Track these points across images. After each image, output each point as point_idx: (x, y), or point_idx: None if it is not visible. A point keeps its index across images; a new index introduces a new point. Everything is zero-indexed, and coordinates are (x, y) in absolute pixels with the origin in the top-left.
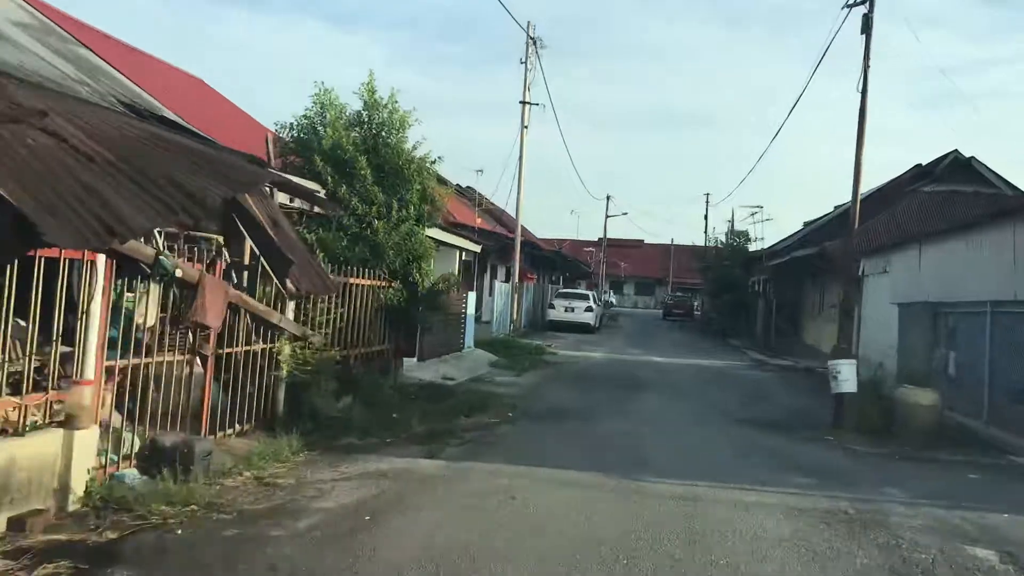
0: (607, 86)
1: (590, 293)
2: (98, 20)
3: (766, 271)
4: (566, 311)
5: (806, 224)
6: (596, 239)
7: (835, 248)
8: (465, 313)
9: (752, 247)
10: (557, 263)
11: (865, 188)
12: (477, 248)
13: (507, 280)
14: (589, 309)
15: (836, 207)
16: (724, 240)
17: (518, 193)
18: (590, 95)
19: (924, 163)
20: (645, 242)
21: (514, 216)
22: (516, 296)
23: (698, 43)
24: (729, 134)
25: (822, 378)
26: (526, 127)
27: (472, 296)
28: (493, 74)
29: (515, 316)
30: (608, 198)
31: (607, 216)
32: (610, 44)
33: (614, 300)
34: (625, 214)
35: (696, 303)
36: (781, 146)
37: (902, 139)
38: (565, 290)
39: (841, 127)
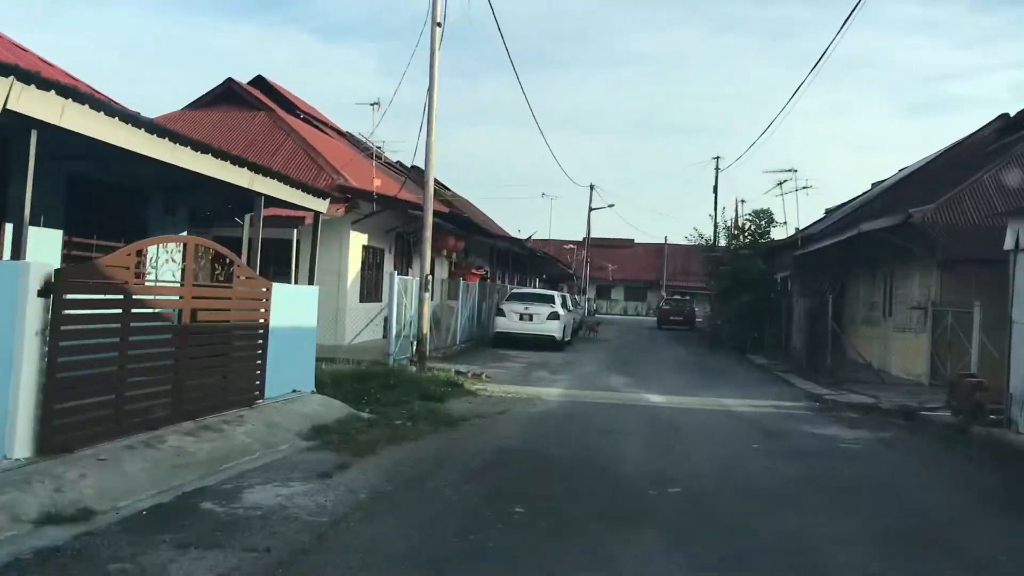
0: (603, 94)
1: (557, 294)
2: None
3: (793, 263)
4: (521, 319)
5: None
6: (582, 238)
7: (933, 215)
8: (266, 326)
9: (776, 232)
10: (526, 261)
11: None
12: (320, 206)
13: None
14: (554, 316)
15: (874, 184)
16: (739, 224)
17: (428, 134)
18: (582, 102)
19: (1012, 113)
20: (636, 242)
21: (457, 200)
22: (428, 296)
23: (692, 51)
24: (724, 140)
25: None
26: (438, 50)
27: (292, 291)
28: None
29: (424, 328)
30: (592, 187)
31: (591, 208)
32: (601, 53)
33: (595, 305)
34: (611, 206)
35: (697, 308)
36: (807, 110)
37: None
38: (521, 290)
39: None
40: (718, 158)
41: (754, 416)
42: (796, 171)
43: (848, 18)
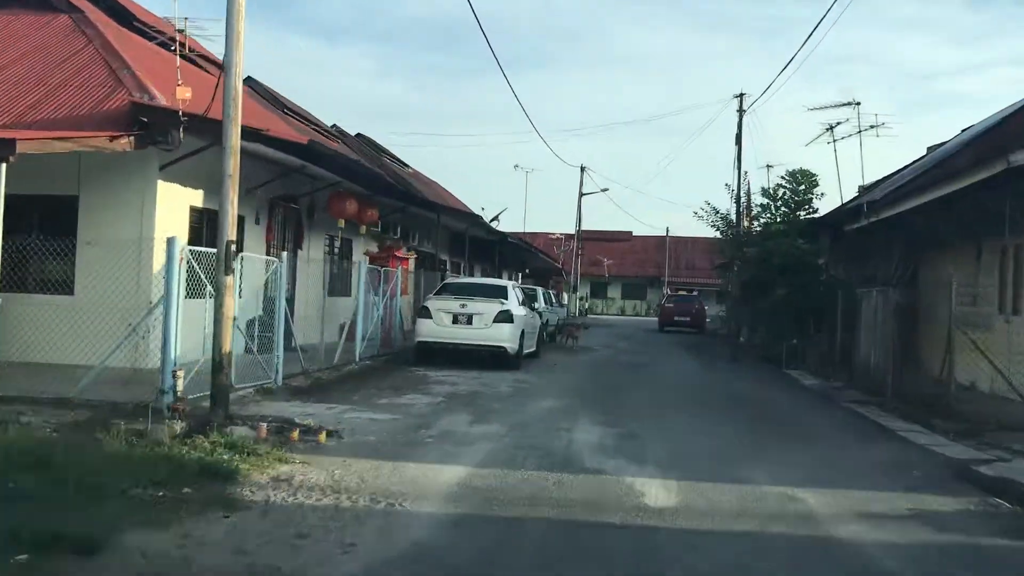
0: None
1: (511, 284)
2: None
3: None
4: (456, 322)
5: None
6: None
7: None
8: None
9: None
10: (501, 250)
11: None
12: None
13: (295, 250)
14: (504, 317)
15: (930, 148)
16: (771, 191)
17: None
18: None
19: None
20: (635, 234)
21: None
22: (231, 283)
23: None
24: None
25: None
26: None
27: None
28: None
29: (225, 345)
30: (583, 169)
31: (581, 193)
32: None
33: (589, 304)
34: (605, 190)
35: (707, 306)
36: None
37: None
38: (459, 279)
39: None
40: (741, 96)
41: (902, 564)
42: (858, 104)
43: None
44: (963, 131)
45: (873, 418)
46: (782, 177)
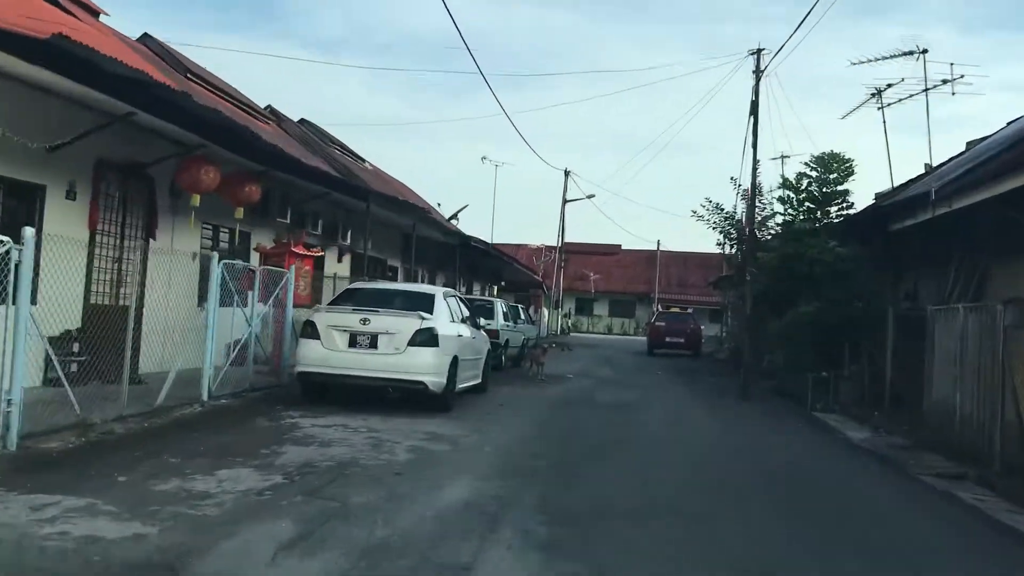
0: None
1: (441, 292)
2: None
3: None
4: (354, 346)
5: None
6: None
7: None
8: None
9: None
10: (455, 256)
11: None
12: None
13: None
14: (426, 340)
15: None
16: (791, 181)
17: None
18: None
19: None
20: (624, 248)
21: None
22: None
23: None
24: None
25: None
26: None
27: None
28: None
29: None
30: (567, 173)
31: (565, 200)
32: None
33: (573, 323)
34: (591, 196)
35: (703, 326)
36: None
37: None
38: (368, 285)
39: None
40: (759, 53)
41: None
42: (924, 53)
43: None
44: (1009, 124)
45: (991, 513)
46: (806, 164)
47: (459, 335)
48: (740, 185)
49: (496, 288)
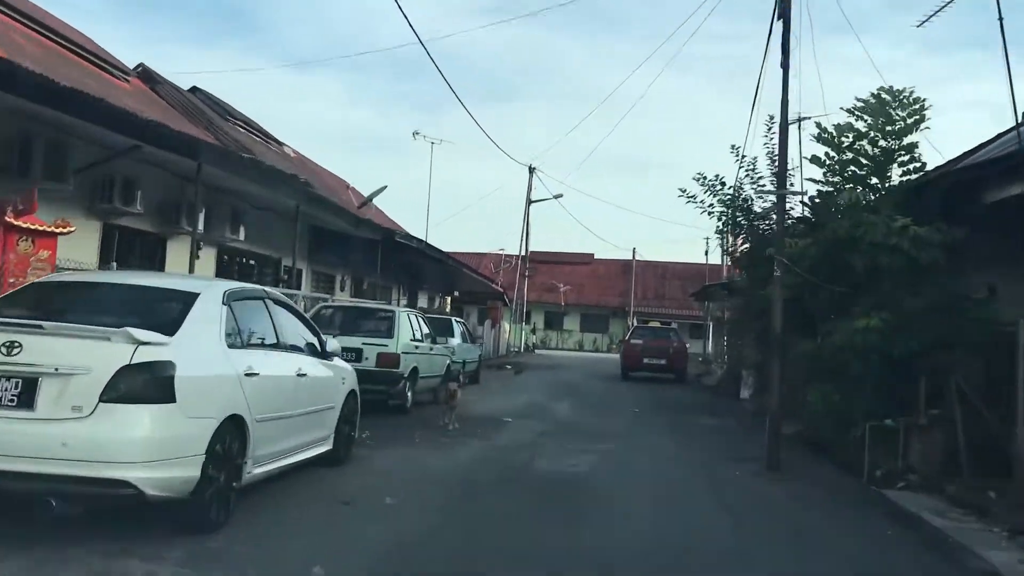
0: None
1: (211, 292)
2: None
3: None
4: None
5: None
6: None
7: None
8: None
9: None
10: (378, 256)
11: None
12: None
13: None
14: (144, 384)
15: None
16: (831, 135)
17: None
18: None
19: None
20: (596, 257)
21: None
22: None
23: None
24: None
25: None
26: None
27: None
28: None
29: None
30: (531, 170)
31: (529, 201)
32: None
33: (540, 338)
34: (559, 196)
35: (688, 343)
36: None
37: None
38: (81, 277)
39: None
40: None
41: None
42: None
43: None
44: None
45: None
46: (850, 111)
47: (249, 374)
48: (744, 156)
49: (449, 300)
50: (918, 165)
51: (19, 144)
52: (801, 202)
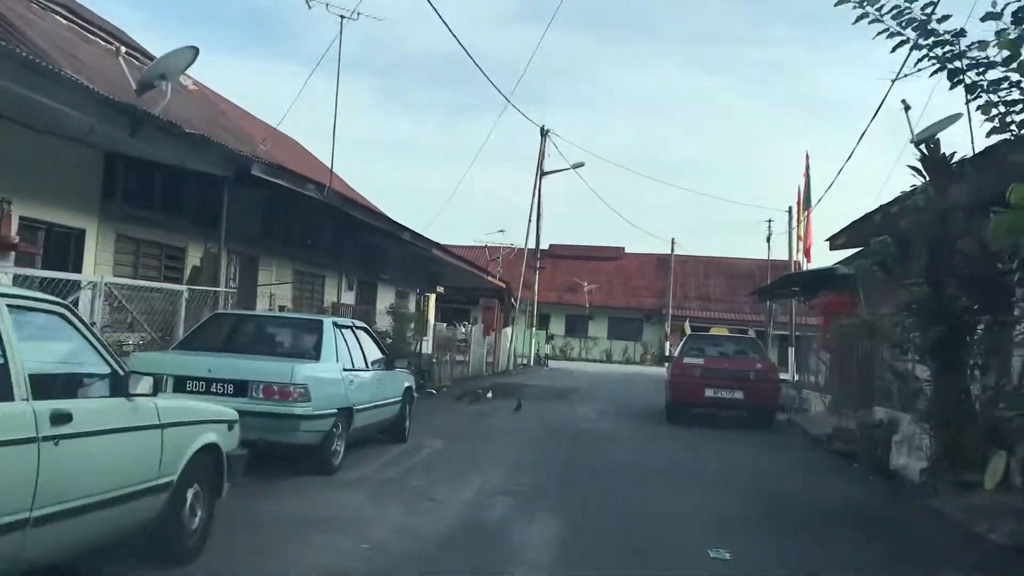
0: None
1: None
2: None
3: None
4: None
5: None
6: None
7: None
8: None
9: None
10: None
11: None
12: None
13: None
14: None
15: None
16: None
17: None
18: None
19: None
20: (627, 251)
21: None
22: None
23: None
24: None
25: None
26: None
27: None
28: None
29: None
30: (544, 133)
31: (541, 172)
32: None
33: (552, 348)
34: (579, 166)
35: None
36: None
37: None
38: None
39: None
40: None
41: None
42: None
43: None
44: None
45: None
46: None
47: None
48: None
49: (432, 298)
50: None
51: None
52: None
